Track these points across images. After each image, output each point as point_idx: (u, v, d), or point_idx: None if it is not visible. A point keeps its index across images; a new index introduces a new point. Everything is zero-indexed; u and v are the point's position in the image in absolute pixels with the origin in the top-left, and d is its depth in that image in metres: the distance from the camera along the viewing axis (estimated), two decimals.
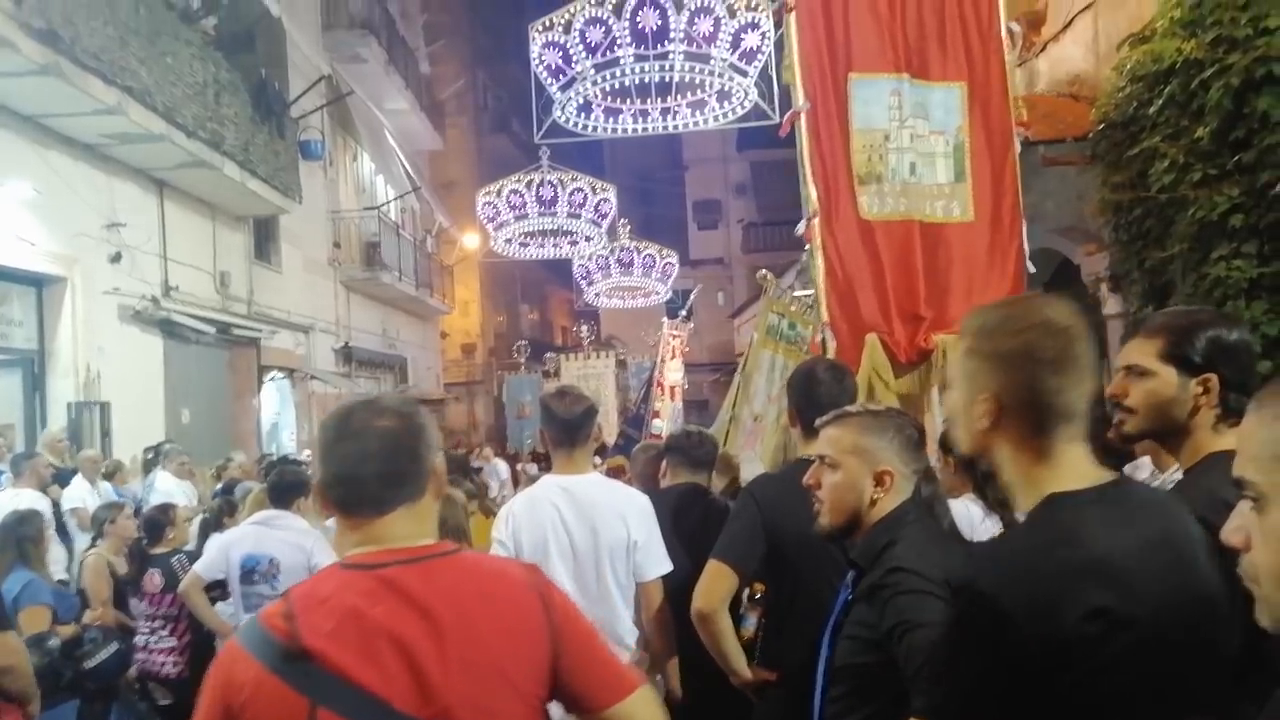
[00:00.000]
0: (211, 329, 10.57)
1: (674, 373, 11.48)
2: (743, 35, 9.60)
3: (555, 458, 3.00)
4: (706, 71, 9.99)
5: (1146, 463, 4.08)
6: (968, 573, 1.43)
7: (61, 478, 6.95)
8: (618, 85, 10.42)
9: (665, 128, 11.67)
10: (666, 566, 2.99)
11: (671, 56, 9.73)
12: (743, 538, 2.77)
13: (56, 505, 6.56)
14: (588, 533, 2.87)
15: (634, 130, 11.46)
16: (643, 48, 9.72)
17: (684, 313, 10.87)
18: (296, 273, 14.21)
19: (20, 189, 7.83)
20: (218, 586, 4.66)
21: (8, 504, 5.40)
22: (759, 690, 2.77)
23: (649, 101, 11.45)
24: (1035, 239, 7.73)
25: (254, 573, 4.30)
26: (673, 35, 9.61)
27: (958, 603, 1.41)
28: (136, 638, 4.82)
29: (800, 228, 3.96)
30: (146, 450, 8.57)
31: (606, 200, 15.91)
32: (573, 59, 9.95)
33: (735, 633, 2.87)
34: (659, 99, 11.32)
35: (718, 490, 4.12)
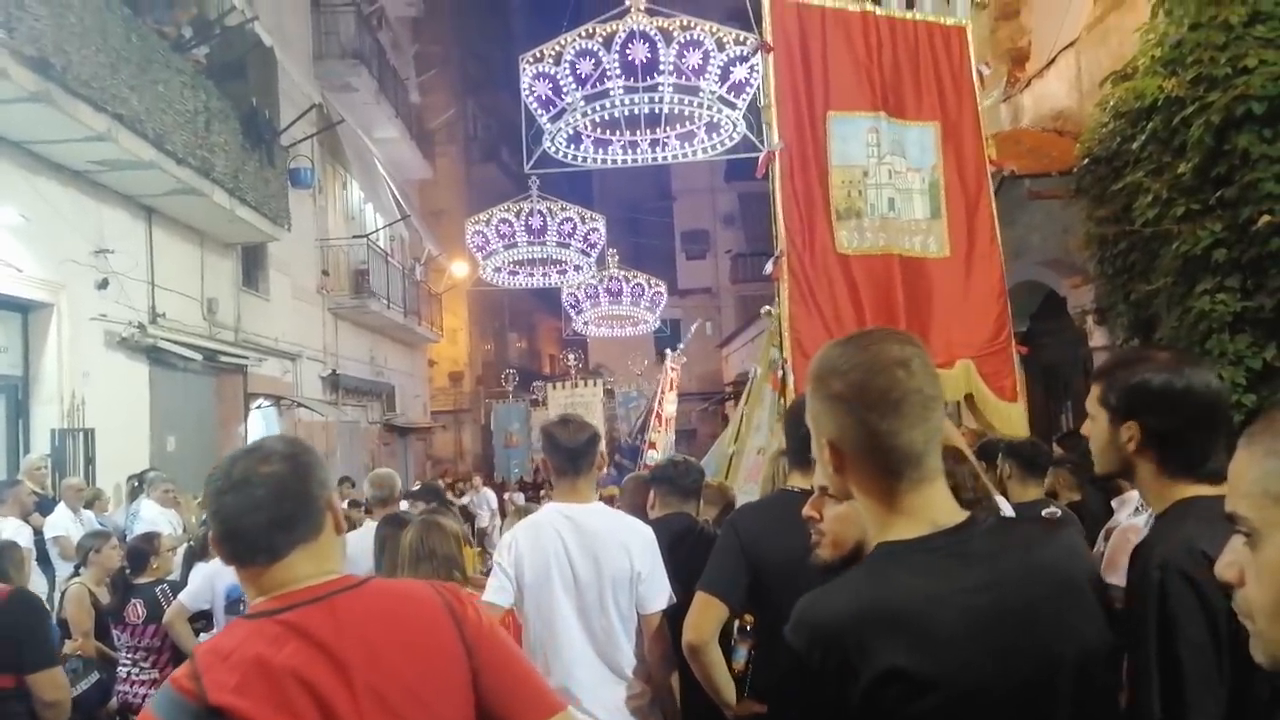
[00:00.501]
0: (198, 356, 10.51)
1: (670, 404, 11.50)
2: (731, 68, 9.71)
3: (558, 486, 2.98)
4: (695, 104, 10.09)
5: (1134, 496, 4.11)
6: (797, 611, 1.35)
7: (43, 506, 6.87)
8: (607, 116, 10.51)
9: (654, 159, 11.76)
10: (670, 599, 2.97)
11: (661, 89, 9.83)
12: (726, 569, 2.78)
13: (39, 533, 6.48)
14: (591, 563, 2.84)
15: (623, 161, 11.56)
16: (632, 80, 9.81)
17: (681, 345, 10.92)
18: (284, 300, 14.18)
19: (7, 215, 7.80)
20: (202, 617, 4.61)
21: None
22: None
23: (638, 133, 11.55)
24: (1021, 272, 7.84)
25: (240, 603, 4.24)
26: (662, 68, 9.71)
27: (795, 639, 1.33)
28: (118, 669, 4.76)
29: (768, 266, 3.99)
30: (130, 478, 8.49)
31: (596, 230, 15.98)
32: (563, 90, 10.04)
33: (727, 665, 2.88)
34: (648, 130, 11.42)
35: (709, 518, 4.11)
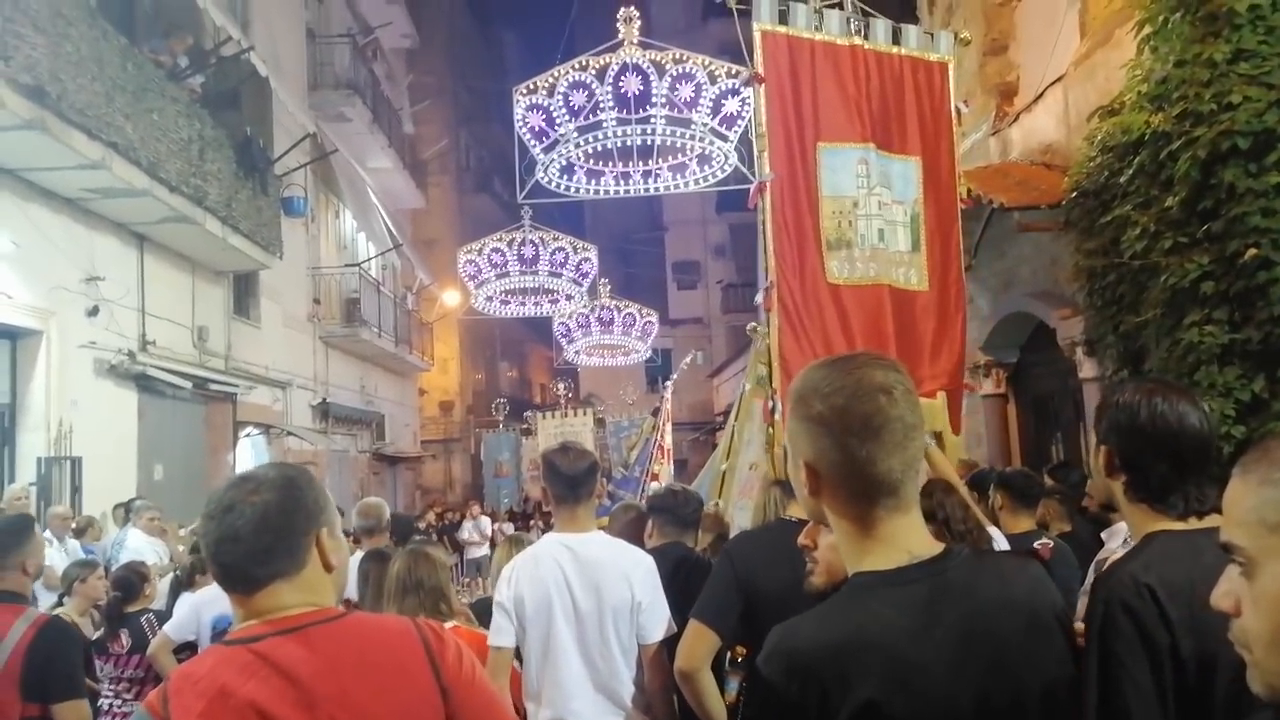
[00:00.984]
0: (187, 384, 10.46)
1: (668, 435, 11.52)
2: (723, 101, 9.80)
3: (558, 515, 2.95)
4: (687, 136, 10.17)
5: (1123, 528, 4.10)
6: (773, 640, 1.36)
7: None
8: (600, 148, 10.58)
9: (646, 190, 11.84)
10: (671, 629, 2.94)
11: (653, 121, 9.90)
12: (720, 598, 2.79)
13: None
14: (592, 593, 2.81)
15: (615, 192, 11.62)
16: (625, 112, 9.88)
17: (674, 376, 10.92)
18: (275, 328, 14.15)
19: None
20: (188, 648, 4.54)
21: None
22: None
23: (630, 164, 11.63)
24: (1012, 303, 7.89)
25: (226, 634, 4.19)
26: (654, 100, 9.79)
27: (767, 667, 1.34)
28: (100, 700, 4.68)
29: (759, 297, 3.99)
30: (116, 507, 8.41)
31: (588, 260, 16.03)
32: (556, 122, 10.11)
33: (720, 695, 2.86)
34: (640, 162, 11.50)
35: (703, 545, 4.10)
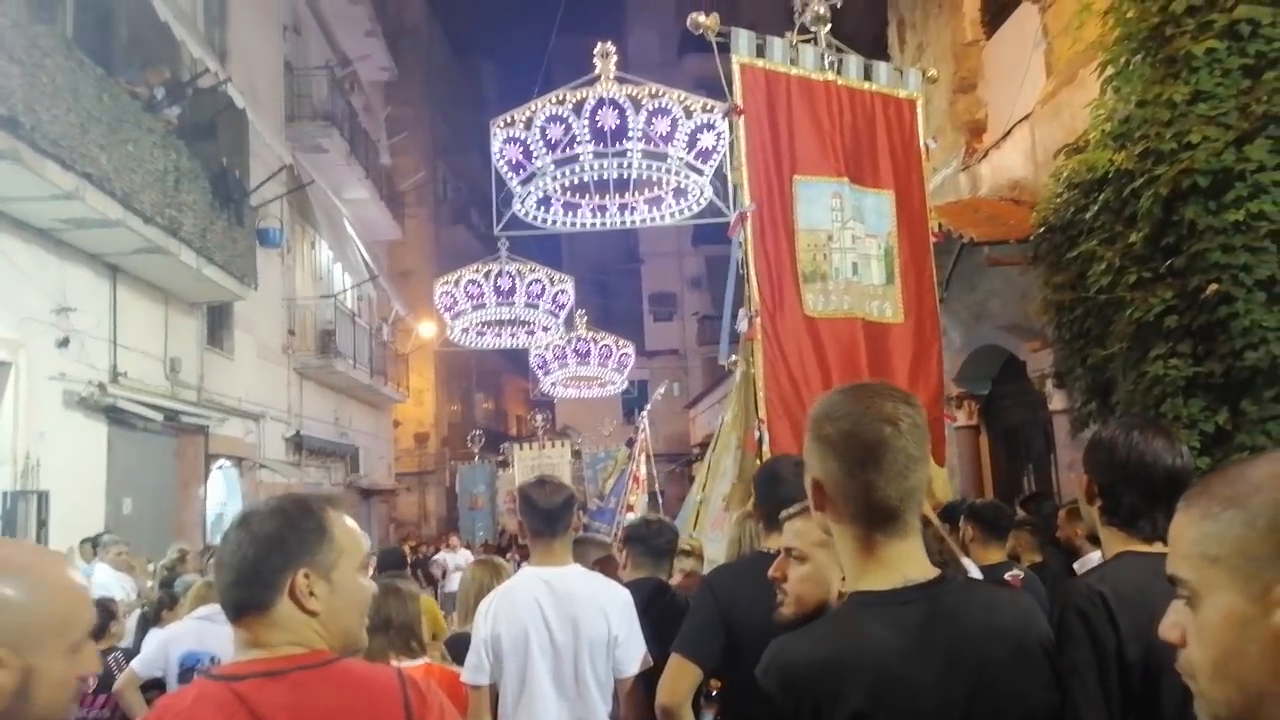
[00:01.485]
0: (159, 416, 10.35)
1: (643, 467, 11.52)
2: (699, 135, 9.89)
3: (534, 549, 2.94)
4: (663, 169, 10.25)
5: (1095, 558, 4.16)
6: (770, 654, 1.44)
7: None
8: (577, 181, 10.64)
9: (623, 223, 11.89)
10: (647, 663, 2.94)
11: (630, 154, 9.98)
12: (702, 630, 2.77)
13: None
14: (569, 628, 2.81)
15: (592, 225, 11.68)
16: (601, 145, 9.95)
17: (648, 408, 10.96)
18: (249, 359, 14.05)
19: None
20: (155, 686, 4.46)
21: None
22: None
23: (607, 197, 11.70)
24: (983, 336, 8.00)
25: (193, 671, 4.12)
26: (631, 134, 9.88)
27: (765, 679, 1.42)
28: None
29: (743, 325, 4.03)
30: (84, 541, 8.28)
31: (564, 291, 16.03)
32: (533, 154, 10.15)
33: None
34: (617, 195, 11.58)
35: (680, 574, 4.10)
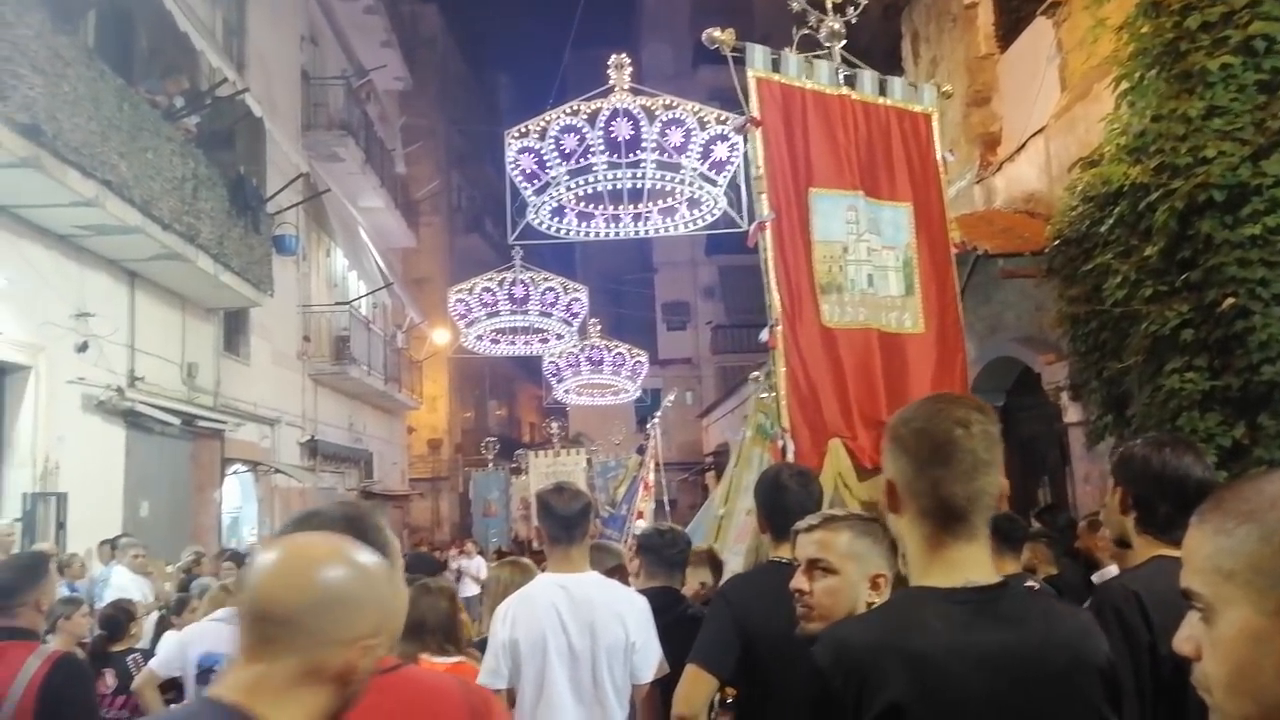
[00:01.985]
0: (176, 420, 10.44)
1: (652, 474, 11.54)
2: (712, 146, 9.93)
3: (551, 555, 2.96)
4: (677, 180, 10.30)
5: (1113, 570, 4.17)
6: (821, 639, 1.51)
7: None
8: (591, 191, 10.71)
9: (636, 232, 11.95)
10: (663, 669, 2.95)
11: (643, 165, 10.03)
12: (718, 640, 2.78)
13: None
14: (586, 634, 2.83)
15: (606, 234, 11.73)
16: (615, 156, 10.01)
17: (658, 415, 11.00)
18: (265, 365, 14.15)
19: None
20: (172, 687, 4.51)
21: None
22: None
23: (621, 207, 11.76)
24: (997, 348, 7.99)
25: (211, 672, 4.17)
26: (645, 144, 9.93)
27: (808, 664, 1.48)
28: None
29: (764, 334, 4.06)
30: (102, 543, 8.35)
31: (578, 299, 16.10)
32: (547, 164, 10.22)
33: None
34: (631, 205, 11.64)
35: (695, 586, 4.12)
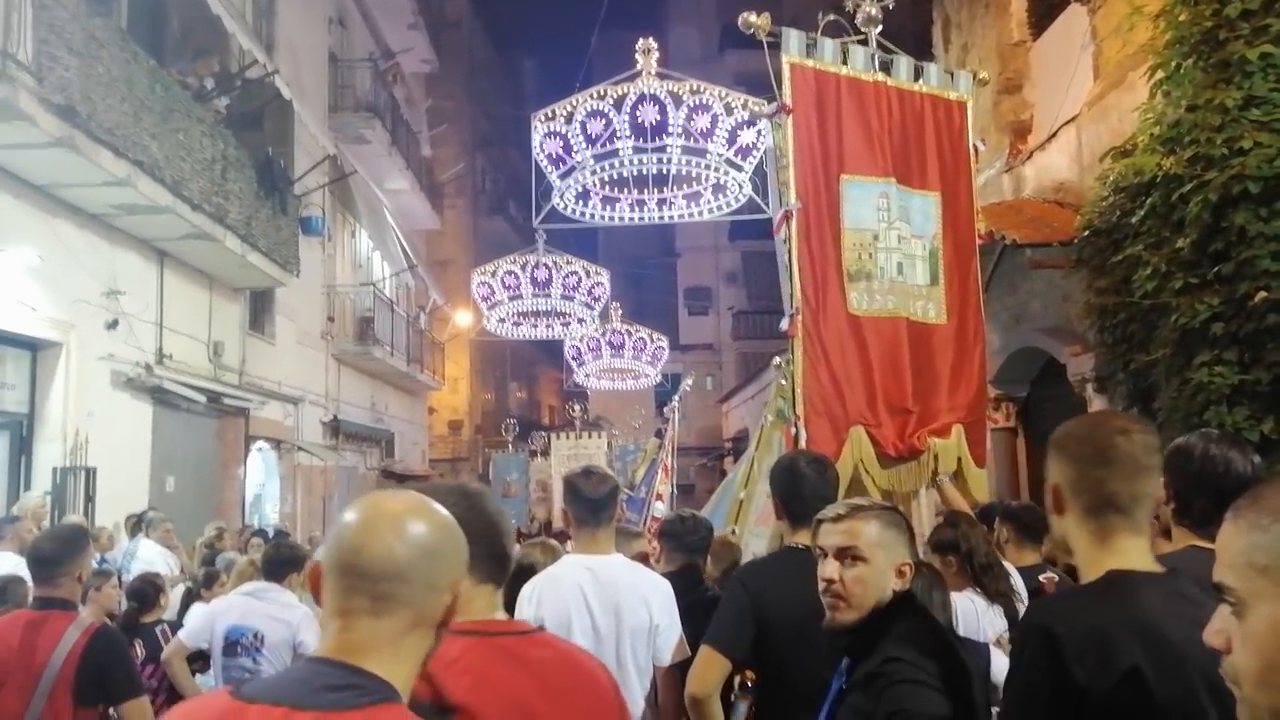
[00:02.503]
0: (202, 398, 10.57)
1: (671, 456, 11.54)
2: (739, 132, 9.88)
3: (578, 537, 3.00)
4: (703, 165, 10.26)
5: None
6: (1036, 619, 1.70)
7: None
8: (616, 175, 10.69)
9: (661, 218, 11.90)
10: (685, 652, 2.98)
11: (669, 150, 10.01)
12: (733, 624, 2.81)
13: None
14: (611, 615, 2.86)
15: (631, 219, 11.70)
16: (641, 140, 9.98)
17: (676, 400, 10.99)
18: (289, 345, 14.28)
19: (25, 255, 7.93)
20: (199, 658, 4.60)
21: None
22: None
23: (646, 192, 11.73)
24: (1023, 338, 7.94)
25: (238, 645, 4.25)
26: (671, 130, 9.90)
27: (1027, 643, 1.65)
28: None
29: (784, 323, 4.04)
30: (129, 517, 8.49)
31: (600, 284, 16.08)
32: (573, 149, 10.20)
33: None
34: (656, 190, 11.61)
35: (714, 575, 4.14)
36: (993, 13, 8.90)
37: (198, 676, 4.52)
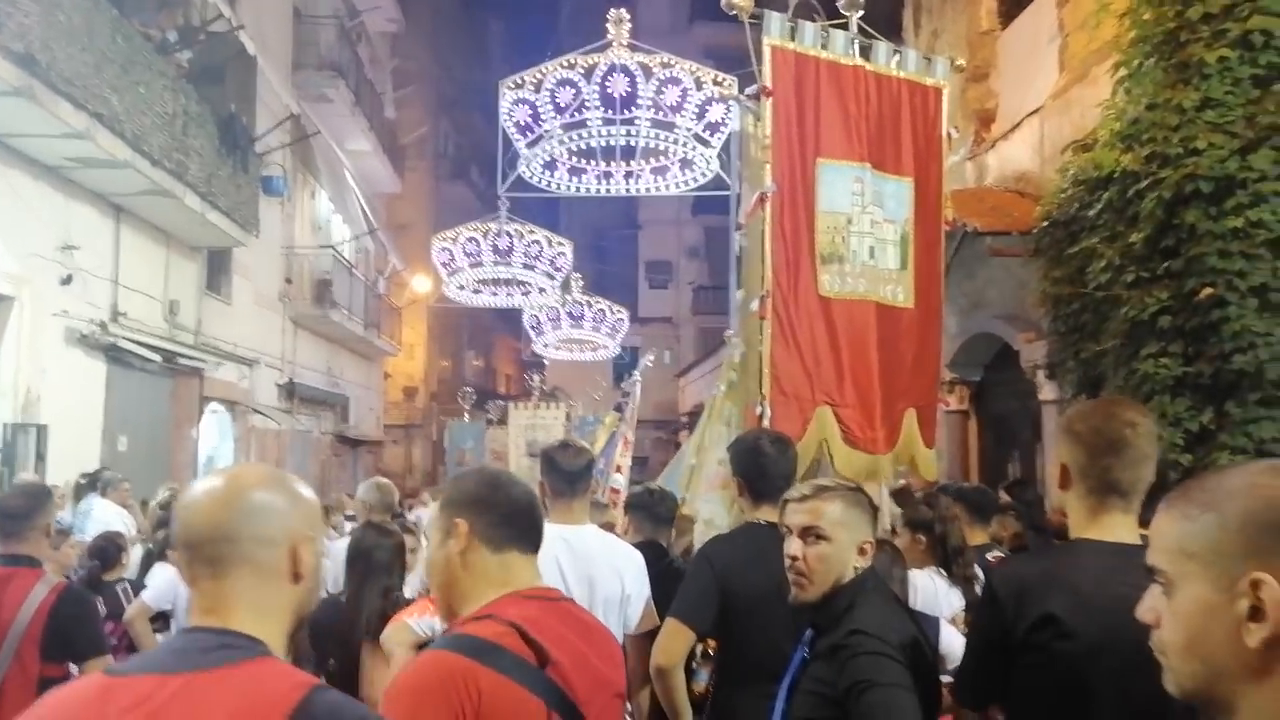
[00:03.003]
0: (157, 357, 10.41)
1: (632, 430, 11.62)
2: (708, 107, 9.93)
3: (554, 508, 3.05)
4: (671, 140, 10.29)
5: None
6: (987, 578, 2.07)
7: None
8: (584, 146, 10.68)
9: (628, 190, 11.93)
10: (655, 622, 3.06)
11: (638, 123, 10.01)
12: (698, 597, 2.90)
13: None
14: (585, 584, 2.93)
15: (597, 191, 11.71)
16: (610, 112, 9.98)
17: (636, 373, 11.04)
18: (246, 306, 14.09)
19: None
20: (159, 618, 4.62)
21: None
22: None
23: (613, 164, 11.73)
24: (978, 324, 8.13)
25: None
26: (640, 102, 9.90)
27: (980, 597, 2.06)
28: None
29: (754, 305, 4.11)
30: (82, 476, 8.38)
31: (563, 254, 16.05)
32: (541, 117, 10.17)
33: (688, 687, 3.01)
34: (623, 162, 11.61)
35: (678, 549, 4.25)
36: (963, 1, 9.01)
37: (159, 637, 4.53)
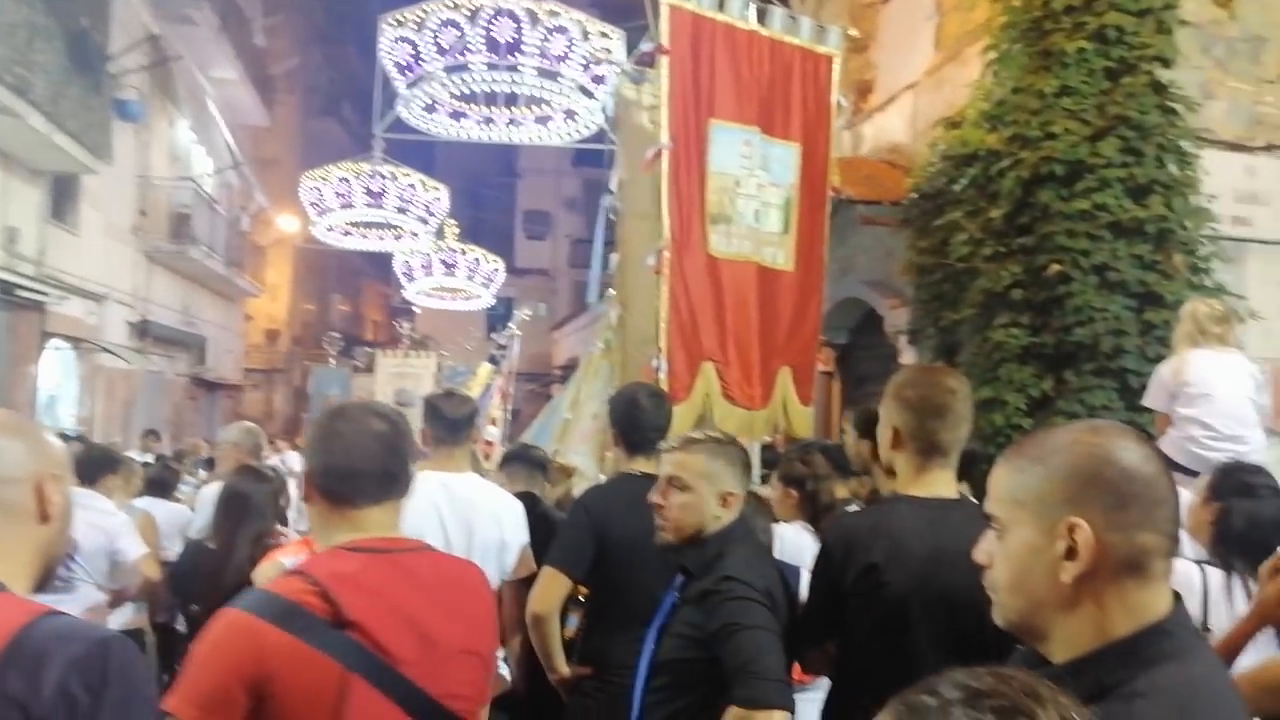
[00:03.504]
0: None
1: (512, 384, 11.54)
2: (594, 62, 9.85)
3: (436, 455, 3.07)
4: (555, 90, 10.17)
5: None
6: (830, 527, 2.40)
7: None
8: (467, 90, 10.44)
9: (510, 138, 11.76)
10: (530, 568, 3.11)
11: (522, 70, 9.84)
12: (575, 545, 2.96)
13: None
14: (464, 530, 2.96)
15: (478, 137, 11.50)
16: (495, 57, 9.78)
17: (513, 324, 10.99)
18: (95, 237, 13.22)
19: None
20: None
21: None
22: (571, 688, 2.98)
23: (496, 110, 11.52)
24: (847, 289, 8.42)
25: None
26: (525, 49, 9.73)
27: (824, 541, 2.22)
28: None
29: (649, 259, 4.20)
30: None
31: (438, 199, 15.67)
32: (423, 58, 9.88)
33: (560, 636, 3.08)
34: (506, 109, 11.42)
35: (553, 499, 4.31)
36: None
37: None
